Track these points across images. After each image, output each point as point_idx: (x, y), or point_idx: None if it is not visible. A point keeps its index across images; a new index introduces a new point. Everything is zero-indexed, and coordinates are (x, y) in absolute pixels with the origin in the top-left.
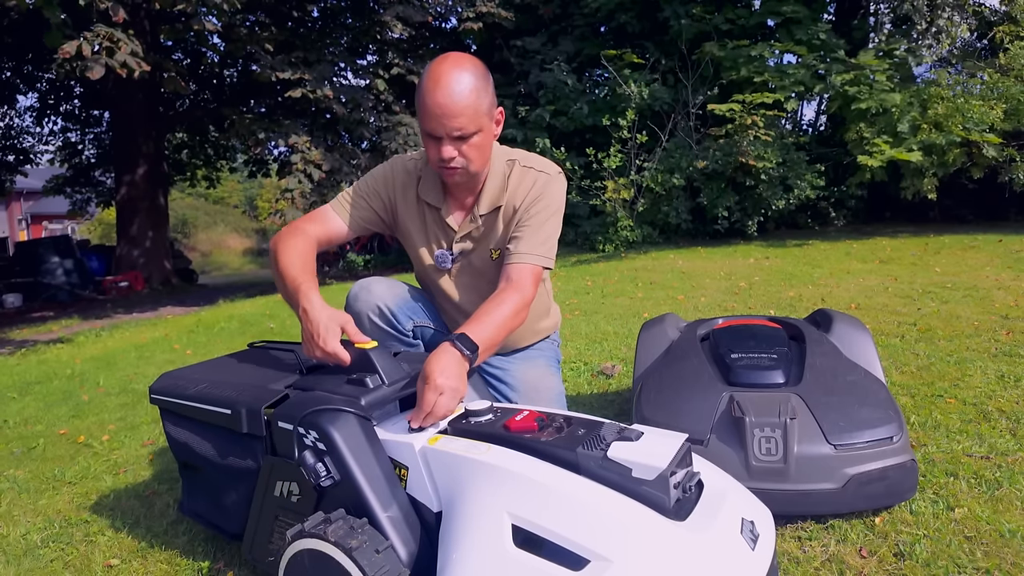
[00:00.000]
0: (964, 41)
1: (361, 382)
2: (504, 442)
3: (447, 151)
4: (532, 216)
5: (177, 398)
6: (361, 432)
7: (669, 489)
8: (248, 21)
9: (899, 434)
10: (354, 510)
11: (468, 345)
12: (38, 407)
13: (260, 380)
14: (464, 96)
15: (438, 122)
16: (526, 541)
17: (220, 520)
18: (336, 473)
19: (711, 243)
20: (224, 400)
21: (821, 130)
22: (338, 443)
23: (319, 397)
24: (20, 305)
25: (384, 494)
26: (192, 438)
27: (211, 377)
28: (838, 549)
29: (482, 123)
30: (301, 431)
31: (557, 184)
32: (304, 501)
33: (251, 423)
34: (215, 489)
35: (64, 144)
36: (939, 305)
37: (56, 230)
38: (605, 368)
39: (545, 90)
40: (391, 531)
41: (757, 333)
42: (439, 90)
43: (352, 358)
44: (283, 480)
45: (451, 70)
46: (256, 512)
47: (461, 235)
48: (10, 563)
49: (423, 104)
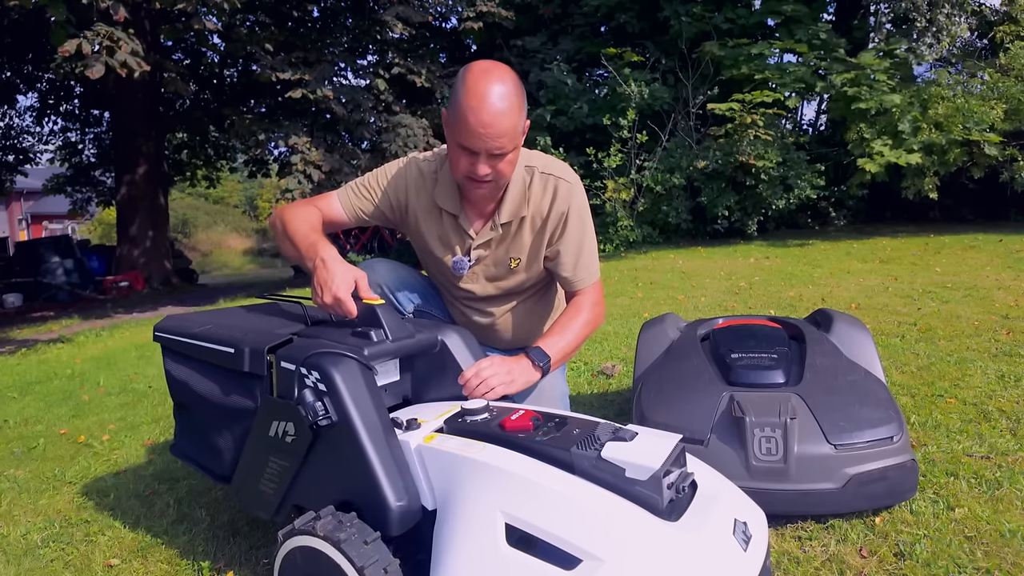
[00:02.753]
0: (964, 41)
1: (365, 335)
2: (499, 441)
3: (483, 168)
4: (570, 233)
5: (181, 336)
6: (362, 378)
7: (662, 489)
8: (248, 21)
9: (899, 434)
10: (348, 453)
11: (540, 357)
12: (38, 407)
13: (265, 326)
14: (508, 117)
15: (479, 140)
16: (520, 540)
17: (210, 462)
18: (334, 414)
19: (711, 243)
20: (228, 339)
21: (821, 130)
22: (339, 384)
23: (323, 343)
24: (20, 305)
25: (379, 440)
26: (192, 376)
27: (217, 320)
28: (838, 549)
29: (518, 140)
30: (303, 371)
31: (579, 191)
32: (298, 442)
33: (253, 362)
34: (209, 431)
35: (64, 144)
36: (939, 305)
37: (56, 230)
38: (605, 368)
39: (545, 90)
40: (383, 476)
41: (757, 333)
42: (484, 109)
43: (359, 312)
44: (279, 420)
45: (495, 87)
46: (249, 453)
47: (480, 242)
48: (10, 563)
49: (464, 120)
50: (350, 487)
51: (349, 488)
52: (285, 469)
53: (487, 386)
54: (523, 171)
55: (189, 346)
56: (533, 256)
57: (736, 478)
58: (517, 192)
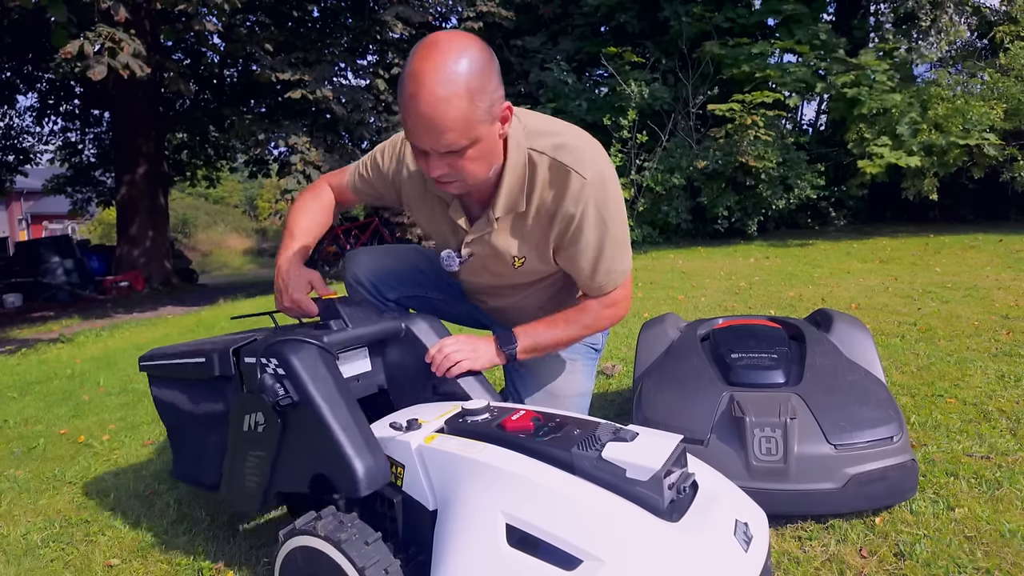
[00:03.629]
0: (964, 41)
1: (326, 327)
2: (500, 441)
3: (435, 167)
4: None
5: (160, 360)
6: (319, 360)
7: (663, 490)
8: (248, 21)
9: (899, 434)
10: (313, 429)
11: (507, 342)
12: (38, 407)
13: (236, 337)
14: (453, 105)
15: (419, 136)
16: (520, 541)
17: (200, 474)
18: (294, 394)
19: (711, 243)
20: (199, 351)
21: (821, 130)
22: (296, 366)
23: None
24: (20, 305)
25: (340, 412)
26: (175, 395)
27: (193, 343)
28: (838, 549)
29: (478, 132)
30: (263, 361)
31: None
32: (269, 429)
33: (221, 364)
34: (198, 445)
35: (64, 144)
36: (939, 305)
37: (56, 230)
38: (605, 368)
39: (545, 89)
40: (345, 441)
41: (757, 333)
42: (420, 97)
43: (319, 309)
44: (250, 413)
45: (437, 68)
46: (230, 452)
47: (472, 238)
48: (10, 563)
49: (403, 109)
50: (320, 460)
51: (319, 461)
52: (262, 459)
53: (450, 361)
54: (526, 153)
55: (168, 367)
56: (540, 253)
57: (736, 478)
58: (516, 182)
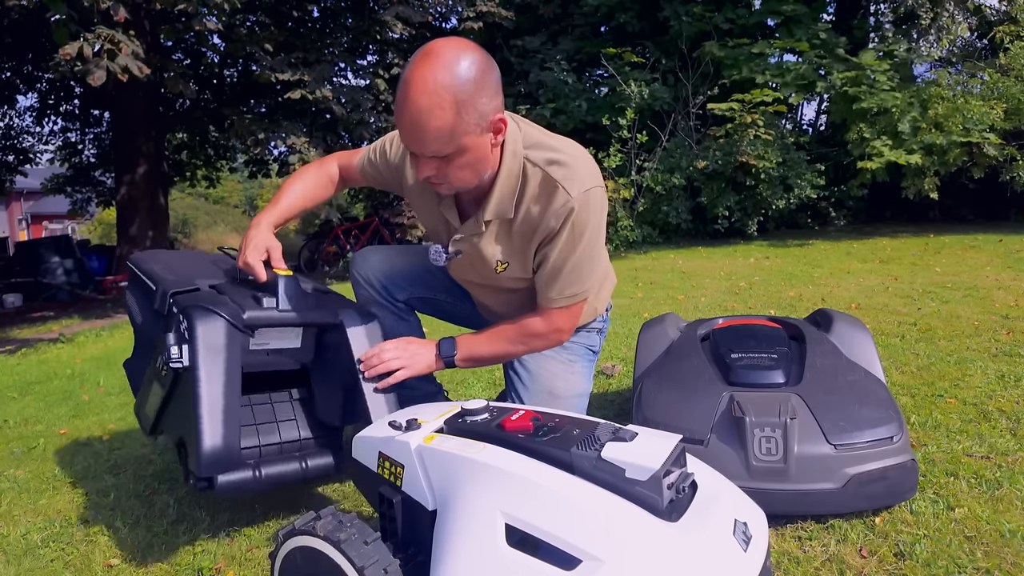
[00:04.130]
0: (964, 41)
1: (259, 300)
2: (499, 441)
3: (424, 169)
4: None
5: (137, 268)
6: (224, 336)
7: (662, 490)
8: (248, 21)
9: (899, 434)
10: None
11: (448, 350)
12: (38, 407)
13: (197, 274)
14: (434, 115)
15: (405, 139)
16: (520, 541)
17: (134, 382)
18: (187, 360)
19: (711, 243)
20: (157, 279)
21: (821, 130)
22: (196, 336)
23: (212, 297)
24: (20, 305)
25: (215, 391)
26: (135, 305)
27: (170, 262)
28: (838, 549)
29: (465, 142)
30: (179, 317)
31: (580, 208)
32: (167, 377)
33: (161, 302)
34: (138, 354)
35: (64, 144)
36: (939, 305)
37: (56, 230)
38: (605, 368)
39: (545, 89)
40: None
41: (757, 333)
42: (407, 105)
43: (268, 278)
44: (160, 354)
45: (426, 79)
46: (146, 373)
47: (460, 236)
48: (10, 563)
49: (395, 112)
50: (184, 428)
51: (184, 429)
52: (158, 397)
53: (387, 367)
54: (520, 163)
55: (138, 278)
56: (523, 262)
57: (736, 478)
58: (508, 189)
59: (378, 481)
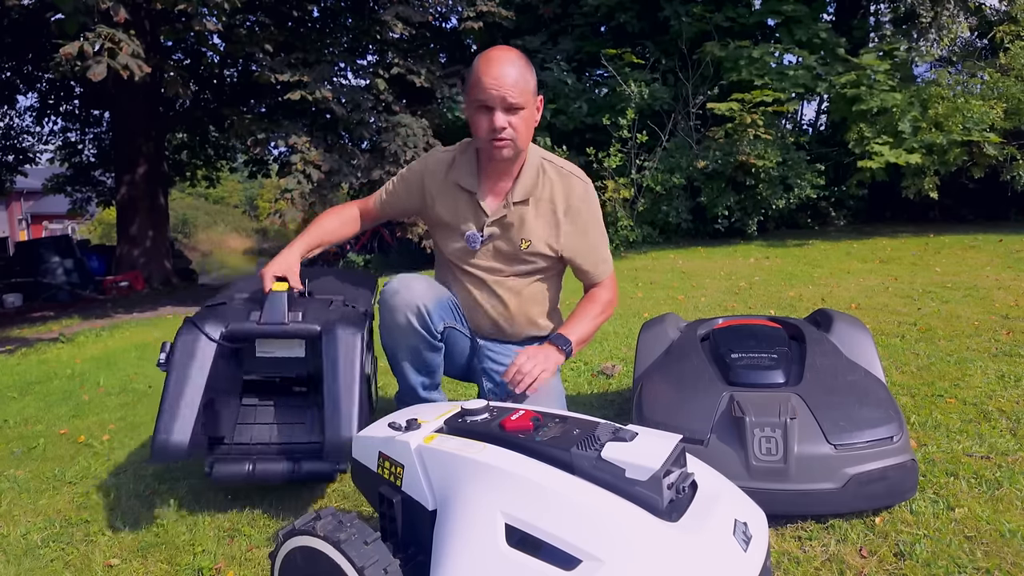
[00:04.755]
0: (964, 41)
1: (249, 313)
2: (499, 441)
3: (499, 119)
4: (589, 230)
5: None
6: (198, 344)
7: (662, 490)
8: (248, 21)
9: (899, 434)
10: None
11: (563, 342)
12: (38, 407)
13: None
14: (516, 71)
15: (492, 91)
16: (520, 541)
17: None
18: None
19: (711, 243)
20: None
21: (821, 130)
22: (176, 343)
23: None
24: (20, 305)
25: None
26: None
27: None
28: (838, 549)
29: (529, 100)
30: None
31: (593, 190)
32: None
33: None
34: None
35: (64, 144)
36: (939, 305)
37: (56, 230)
38: (605, 368)
39: (545, 89)
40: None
41: (757, 333)
42: (493, 66)
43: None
44: None
45: (503, 53)
46: None
47: (493, 219)
48: (10, 563)
49: (478, 79)
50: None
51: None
52: None
53: (531, 377)
54: (539, 159)
55: None
56: (543, 240)
57: (736, 478)
58: (532, 174)
59: (378, 481)
